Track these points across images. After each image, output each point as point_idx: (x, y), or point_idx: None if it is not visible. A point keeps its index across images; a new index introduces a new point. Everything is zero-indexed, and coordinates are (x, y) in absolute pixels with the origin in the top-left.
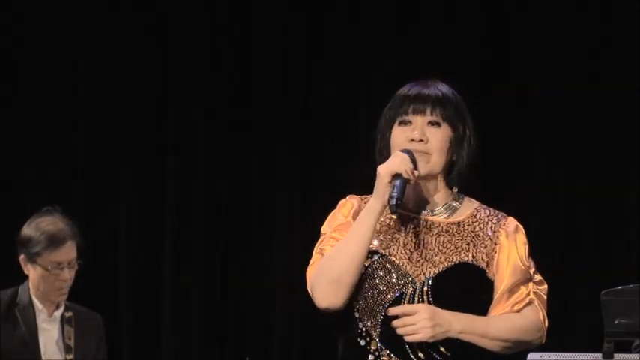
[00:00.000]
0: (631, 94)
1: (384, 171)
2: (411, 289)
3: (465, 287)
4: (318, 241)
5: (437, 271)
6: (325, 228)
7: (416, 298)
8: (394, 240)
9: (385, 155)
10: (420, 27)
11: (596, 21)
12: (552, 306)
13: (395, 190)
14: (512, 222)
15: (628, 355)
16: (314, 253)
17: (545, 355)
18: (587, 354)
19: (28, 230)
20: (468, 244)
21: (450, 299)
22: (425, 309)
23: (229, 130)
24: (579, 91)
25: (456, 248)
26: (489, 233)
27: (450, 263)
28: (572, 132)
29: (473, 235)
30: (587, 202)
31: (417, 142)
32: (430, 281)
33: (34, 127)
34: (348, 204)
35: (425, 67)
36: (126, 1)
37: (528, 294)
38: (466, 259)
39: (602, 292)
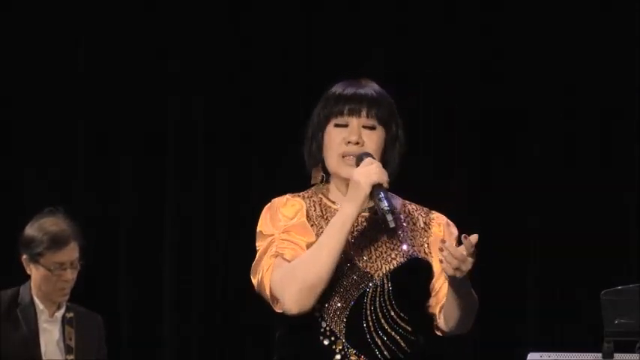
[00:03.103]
0: (631, 93)
1: (365, 181)
2: (372, 286)
3: (418, 280)
4: (267, 243)
5: (392, 267)
6: (268, 228)
7: (377, 295)
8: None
9: (317, 157)
10: (420, 27)
11: (596, 20)
12: (552, 306)
13: (386, 203)
14: (440, 214)
15: (628, 355)
16: (266, 255)
17: (545, 355)
18: (587, 354)
19: (30, 230)
20: (411, 238)
21: (408, 292)
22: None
23: (230, 130)
24: (579, 90)
25: (391, 242)
26: (422, 225)
27: (402, 259)
28: (572, 131)
29: (410, 229)
30: (587, 201)
31: (354, 145)
32: (389, 277)
33: (34, 127)
34: (295, 204)
35: (425, 67)
36: (126, 9)
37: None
38: (414, 254)
39: (602, 292)
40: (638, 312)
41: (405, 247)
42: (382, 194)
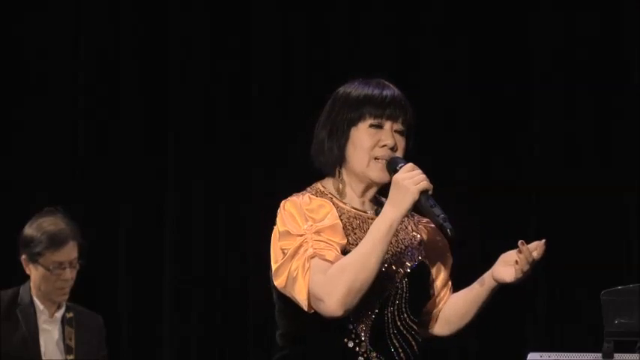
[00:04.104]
0: (631, 93)
1: (415, 188)
2: (395, 287)
3: (424, 283)
4: (297, 243)
5: (407, 271)
6: (295, 228)
7: (396, 299)
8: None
9: (342, 154)
10: (420, 30)
11: (596, 20)
12: (553, 306)
13: (441, 211)
14: (427, 219)
15: (628, 355)
16: (298, 255)
17: (545, 355)
18: (587, 354)
19: (29, 230)
20: (410, 240)
21: (419, 295)
22: None
23: (230, 130)
24: (580, 90)
25: (405, 246)
26: (414, 228)
27: (412, 262)
28: (572, 131)
29: (405, 232)
30: (587, 201)
31: (389, 149)
32: (405, 279)
33: (35, 127)
34: (324, 204)
35: (425, 69)
36: (125, 9)
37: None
38: (420, 257)
39: (602, 292)
40: (638, 312)
41: (409, 252)
42: (432, 201)
